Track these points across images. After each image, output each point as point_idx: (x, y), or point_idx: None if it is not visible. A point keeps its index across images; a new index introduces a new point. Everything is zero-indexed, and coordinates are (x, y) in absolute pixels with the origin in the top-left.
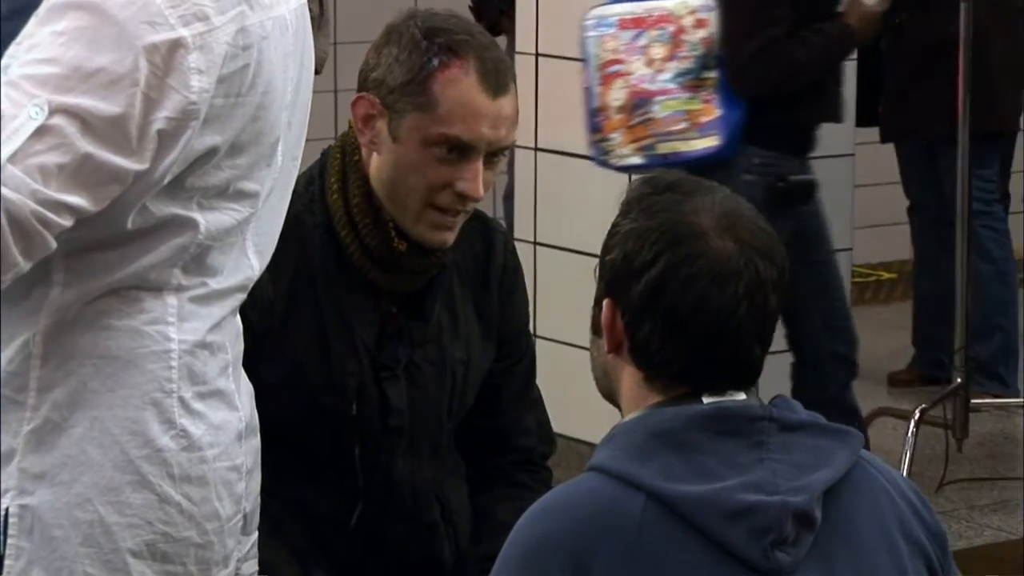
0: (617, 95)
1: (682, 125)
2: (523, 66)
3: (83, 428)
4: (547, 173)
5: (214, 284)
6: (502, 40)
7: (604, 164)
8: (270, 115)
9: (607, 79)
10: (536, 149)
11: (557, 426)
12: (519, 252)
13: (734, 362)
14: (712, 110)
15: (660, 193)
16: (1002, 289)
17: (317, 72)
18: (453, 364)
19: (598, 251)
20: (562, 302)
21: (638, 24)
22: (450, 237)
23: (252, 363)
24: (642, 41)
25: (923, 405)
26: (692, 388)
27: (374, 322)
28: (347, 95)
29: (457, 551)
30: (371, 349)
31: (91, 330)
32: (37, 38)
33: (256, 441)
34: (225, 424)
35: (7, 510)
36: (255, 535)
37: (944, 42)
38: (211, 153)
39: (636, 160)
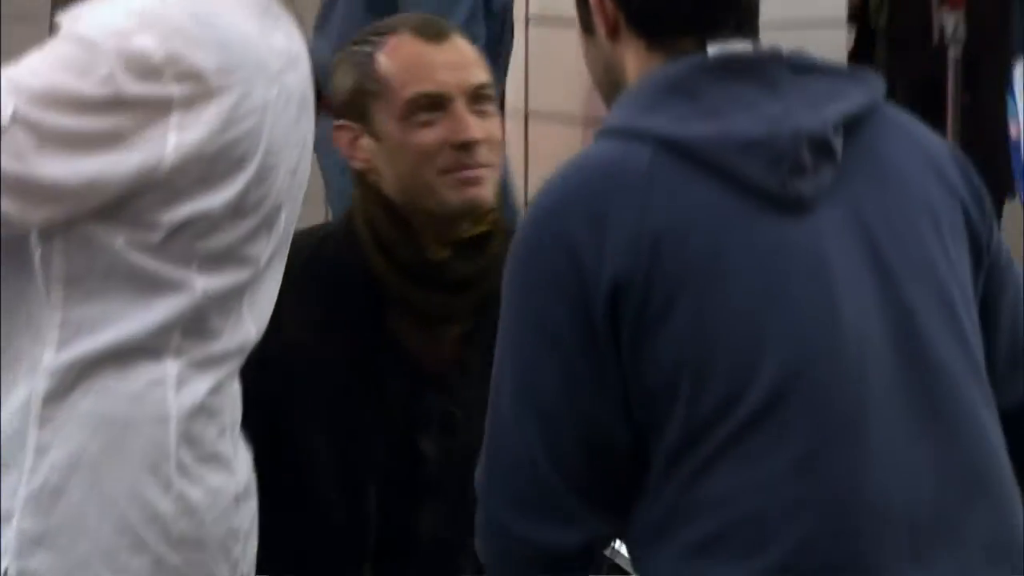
0: None
1: None
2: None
3: (82, 491)
4: (537, 138)
5: (213, 348)
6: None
7: None
8: (275, 180)
9: None
10: (526, 114)
11: None
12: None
13: None
14: None
15: None
16: None
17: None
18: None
19: None
20: None
21: None
22: (481, 192)
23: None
24: None
25: None
26: (696, 37)
27: (407, 373)
28: None
29: None
30: (403, 398)
31: (90, 394)
32: (37, 53)
33: (253, 504)
34: (223, 488)
35: (6, 571)
36: None
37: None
38: (207, 215)
39: None
